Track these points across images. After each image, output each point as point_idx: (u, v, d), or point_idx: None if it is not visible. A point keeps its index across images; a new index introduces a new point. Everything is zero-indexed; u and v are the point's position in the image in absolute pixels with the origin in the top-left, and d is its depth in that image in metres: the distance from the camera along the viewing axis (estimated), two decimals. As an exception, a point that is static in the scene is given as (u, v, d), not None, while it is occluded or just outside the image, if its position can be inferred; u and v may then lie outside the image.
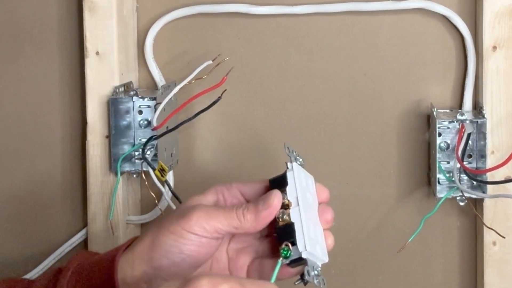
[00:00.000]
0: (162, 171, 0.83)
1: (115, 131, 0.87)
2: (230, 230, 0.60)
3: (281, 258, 0.58)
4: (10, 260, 0.96)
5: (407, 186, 0.92)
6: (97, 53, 0.88)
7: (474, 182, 0.85)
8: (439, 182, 0.86)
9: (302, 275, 0.59)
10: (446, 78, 0.90)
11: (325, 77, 0.92)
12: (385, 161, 0.92)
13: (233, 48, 0.92)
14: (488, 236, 0.86)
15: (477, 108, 0.87)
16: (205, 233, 0.60)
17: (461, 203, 0.86)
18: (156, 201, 0.88)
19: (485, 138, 0.84)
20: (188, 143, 0.94)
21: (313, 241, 0.60)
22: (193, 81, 0.86)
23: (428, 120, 0.90)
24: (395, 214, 0.92)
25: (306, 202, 0.61)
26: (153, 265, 0.60)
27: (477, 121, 0.85)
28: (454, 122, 0.85)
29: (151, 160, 0.86)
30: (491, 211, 0.86)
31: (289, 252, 0.58)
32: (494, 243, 0.86)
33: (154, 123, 0.84)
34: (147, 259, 0.61)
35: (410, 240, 0.85)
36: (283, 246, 0.59)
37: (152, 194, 0.87)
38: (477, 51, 0.87)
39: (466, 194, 0.85)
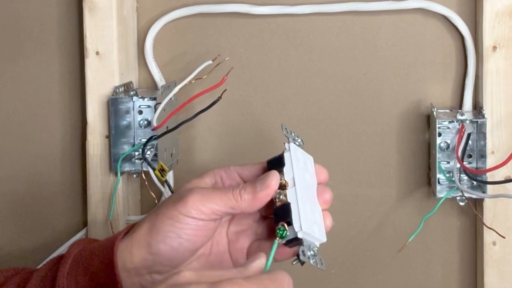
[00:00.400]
0: (162, 171, 0.83)
1: (115, 131, 0.87)
2: (227, 211, 0.60)
3: (277, 238, 0.58)
4: (10, 260, 0.96)
5: (407, 186, 0.92)
6: (97, 53, 0.88)
7: (474, 182, 0.85)
8: (439, 182, 0.86)
9: (298, 255, 0.59)
10: (446, 78, 0.90)
11: (325, 77, 0.92)
12: (385, 161, 0.92)
13: (233, 48, 0.92)
14: (488, 236, 0.86)
15: (477, 108, 0.87)
16: (202, 215, 0.60)
17: (461, 203, 0.86)
18: (156, 201, 0.88)
19: (485, 138, 0.84)
20: (188, 143, 0.94)
21: (309, 221, 0.59)
22: (193, 81, 0.86)
23: (428, 120, 0.90)
24: (395, 214, 0.92)
25: (303, 183, 0.61)
26: (152, 251, 0.60)
27: (477, 121, 0.85)
28: (454, 122, 0.85)
29: (151, 160, 0.86)
30: (491, 211, 0.86)
31: (284, 232, 0.58)
32: (494, 243, 0.86)
33: (154, 123, 0.84)
34: (146, 245, 0.61)
35: (410, 240, 0.85)
36: (279, 226, 0.59)
37: (152, 194, 0.87)
38: (477, 51, 0.87)
39: (466, 194, 0.85)
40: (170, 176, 0.91)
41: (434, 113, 0.85)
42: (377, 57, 0.91)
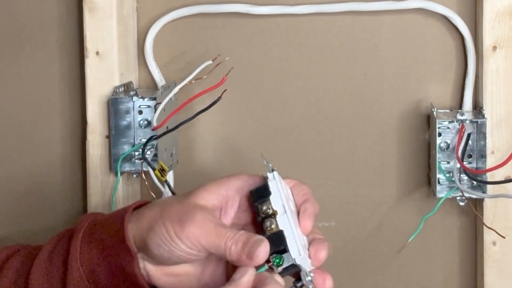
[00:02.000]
0: (162, 171, 0.83)
1: (115, 131, 0.87)
2: (218, 254, 0.60)
3: (268, 265, 0.57)
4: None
5: (407, 186, 0.92)
6: (97, 53, 0.88)
7: (474, 182, 0.85)
8: (439, 182, 0.86)
9: (295, 282, 0.58)
10: (446, 78, 0.90)
11: (325, 77, 0.92)
12: (385, 161, 0.92)
13: (233, 48, 0.92)
14: (488, 236, 0.86)
15: (477, 108, 0.87)
16: (194, 247, 0.60)
17: (461, 203, 0.86)
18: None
19: (485, 138, 0.84)
20: (188, 143, 0.94)
21: (303, 246, 0.59)
22: (193, 81, 0.86)
23: (428, 120, 0.90)
24: (395, 214, 0.92)
25: (290, 209, 0.60)
26: (147, 248, 0.61)
27: (477, 121, 0.85)
28: (454, 122, 0.85)
29: (151, 160, 0.86)
30: (491, 211, 0.86)
31: (281, 260, 0.57)
32: (494, 243, 0.86)
33: (154, 123, 0.84)
34: (143, 240, 0.61)
35: (410, 240, 0.85)
36: (273, 255, 0.58)
37: (152, 194, 0.87)
38: (477, 51, 0.87)
39: (466, 194, 0.85)
40: (170, 176, 0.91)
41: (434, 113, 0.85)
42: (377, 57, 0.91)
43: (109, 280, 0.62)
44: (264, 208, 0.59)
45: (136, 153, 0.88)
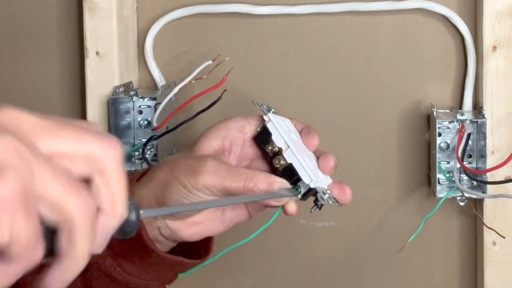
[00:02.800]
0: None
1: (115, 131, 0.87)
2: (236, 193, 0.62)
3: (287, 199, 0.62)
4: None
5: (407, 186, 0.92)
6: (97, 53, 0.88)
7: (474, 182, 0.85)
8: (439, 182, 0.86)
9: (315, 201, 0.63)
10: (446, 78, 0.90)
11: (325, 77, 0.92)
12: (385, 161, 0.92)
13: (233, 48, 0.92)
14: (488, 236, 0.86)
15: (477, 108, 0.87)
16: (212, 194, 0.61)
17: (461, 203, 0.86)
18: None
19: (485, 138, 0.84)
20: (188, 143, 0.94)
21: (313, 170, 0.63)
22: (193, 81, 0.86)
23: (428, 120, 0.90)
24: (395, 214, 0.92)
25: (294, 142, 0.64)
26: (164, 201, 0.63)
27: (477, 121, 0.85)
28: (454, 122, 0.85)
29: (151, 160, 0.86)
30: (491, 211, 0.86)
31: (299, 188, 0.62)
32: (494, 243, 0.86)
33: (154, 123, 0.84)
34: (161, 199, 0.63)
35: (410, 240, 0.85)
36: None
37: (152, 194, 0.87)
38: (477, 51, 0.87)
39: (466, 194, 0.85)
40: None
41: (434, 113, 0.85)
42: (377, 57, 0.91)
43: (120, 243, 0.64)
44: (270, 148, 0.64)
45: (136, 153, 0.88)
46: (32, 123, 0.40)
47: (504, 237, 0.85)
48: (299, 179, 0.62)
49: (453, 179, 0.84)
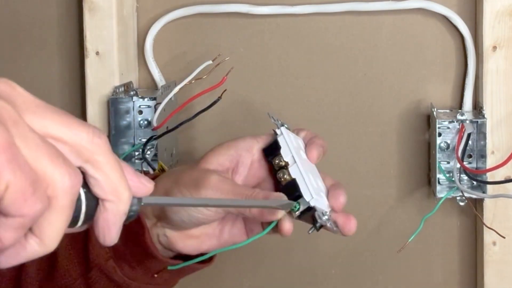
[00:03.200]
0: (162, 171, 0.83)
1: (115, 131, 0.87)
2: (236, 213, 0.62)
3: (283, 213, 0.60)
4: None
5: (407, 186, 0.92)
6: (97, 53, 0.88)
7: (474, 182, 0.85)
8: (439, 182, 0.86)
9: (314, 221, 0.61)
10: (446, 78, 0.90)
11: (325, 77, 0.92)
12: (385, 161, 0.92)
13: (233, 48, 0.92)
14: (488, 236, 0.86)
15: (477, 108, 0.87)
16: (212, 209, 0.61)
17: (461, 203, 0.86)
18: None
19: (485, 138, 0.84)
20: (188, 143, 0.94)
21: (316, 190, 0.62)
22: (193, 81, 0.86)
23: (428, 120, 0.90)
24: (395, 214, 0.92)
25: (302, 159, 0.63)
26: (165, 216, 0.63)
27: (477, 121, 0.85)
28: (454, 122, 0.85)
29: (151, 160, 0.86)
30: (491, 211, 0.86)
31: (298, 205, 0.60)
32: (494, 243, 0.86)
33: (154, 123, 0.84)
34: (162, 208, 0.63)
35: (410, 240, 0.85)
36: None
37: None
38: (477, 51, 0.87)
39: (466, 194, 0.85)
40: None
41: (434, 113, 0.85)
42: (377, 57, 0.91)
43: (125, 246, 0.65)
44: (277, 161, 0.63)
45: (136, 153, 0.88)
46: (26, 99, 0.40)
47: (504, 237, 0.85)
48: (300, 196, 0.61)
49: (453, 179, 0.84)
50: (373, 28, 0.90)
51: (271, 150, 0.64)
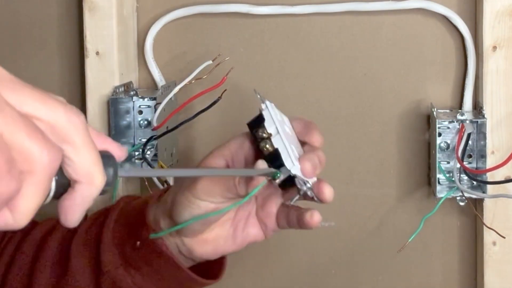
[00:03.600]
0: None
1: (115, 131, 0.87)
2: (230, 195, 0.62)
3: (266, 181, 0.60)
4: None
5: (407, 186, 0.92)
6: (97, 53, 0.88)
7: (474, 182, 0.85)
8: (439, 182, 0.86)
9: (298, 191, 0.62)
10: (446, 78, 0.90)
11: (325, 77, 0.92)
12: (385, 161, 0.92)
13: (233, 48, 0.92)
14: (488, 236, 0.86)
15: (477, 108, 0.87)
16: (211, 198, 0.62)
17: (461, 203, 0.86)
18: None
19: (485, 138, 0.84)
20: (188, 143, 0.94)
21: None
22: (193, 81, 0.86)
23: (428, 120, 0.90)
24: (395, 214, 0.92)
25: (285, 132, 0.63)
26: (175, 220, 0.64)
27: (477, 121, 0.85)
28: (454, 122, 0.85)
29: (151, 160, 0.86)
30: (491, 211, 0.86)
31: (278, 174, 0.60)
32: (494, 243, 0.86)
33: (154, 123, 0.84)
34: (170, 216, 0.65)
35: (410, 240, 0.85)
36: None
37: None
38: (477, 51, 0.87)
39: (466, 194, 0.85)
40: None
41: (434, 113, 0.85)
42: (377, 57, 0.91)
43: (135, 253, 0.66)
44: (260, 133, 0.63)
45: (136, 153, 0.88)
46: (2, 75, 0.39)
47: (504, 237, 0.85)
48: (282, 165, 0.61)
49: (453, 179, 0.84)
50: (373, 28, 0.90)
51: (256, 123, 0.64)
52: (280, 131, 0.62)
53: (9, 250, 0.74)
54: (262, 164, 0.61)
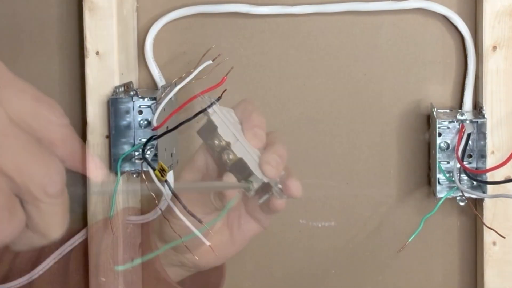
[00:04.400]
0: (162, 171, 0.83)
1: (115, 131, 0.87)
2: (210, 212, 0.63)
3: (236, 193, 0.60)
4: (10, 260, 0.96)
5: (407, 186, 0.92)
6: (97, 53, 0.88)
7: (474, 182, 0.85)
8: (439, 182, 0.86)
9: (268, 191, 0.61)
10: (446, 78, 0.90)
11: (325, 77, 0.92)
12: (385, 161, 0.92)
13: (233, 48, 0.92)
14: (488, 236, 0.86)
15: (477, 108, 0.87)
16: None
17: (461, 203, 0.86)
18: (156, 201, 0.88)
19: (485, 138, 0.84)
20: (188, 143, 0.94)
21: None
22: (193, 81, 0.86)
23: (428, 120, 0.90)
24: (395, 214, 0.92)
25: (241, 134, 0.61)
26: (165, 239, 0.67)
27: (477, 121, 0.84)
28: (454, 122, 0.85)
29: (151, 160, 0.85)
30: (491, 211, 0.86)
31: (250, 184, 0.59)
32: (494, 243, 0.86)
33: (154, 123, 0.84)
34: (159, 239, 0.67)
35: (410, 240, 0.85)
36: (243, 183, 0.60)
37: (152, 194, 0.87)
38: (477, 51, 0.87)
39: (466, 194, 0.85)
40: (170, 176, 0.91)
41: (434, 113, 0.85)
42: (377, 57, 0.91)
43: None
44: (217, 143, 0.61)
45: (136, 153, 0.88)
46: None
47: (504, 237, 0.85)
48: (250, 174, 0.59)
49: (453, 179, 0.84)
50: (373, 28, 0.90)
51: (207, 131, 0.61)
52: (239, 137, 0.60)
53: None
54: (230, 178, 0.59)
